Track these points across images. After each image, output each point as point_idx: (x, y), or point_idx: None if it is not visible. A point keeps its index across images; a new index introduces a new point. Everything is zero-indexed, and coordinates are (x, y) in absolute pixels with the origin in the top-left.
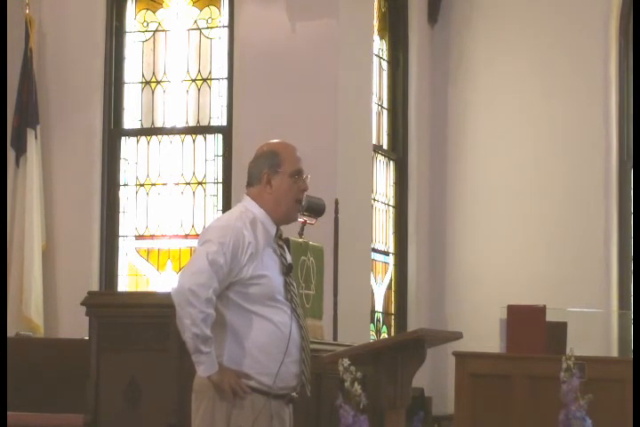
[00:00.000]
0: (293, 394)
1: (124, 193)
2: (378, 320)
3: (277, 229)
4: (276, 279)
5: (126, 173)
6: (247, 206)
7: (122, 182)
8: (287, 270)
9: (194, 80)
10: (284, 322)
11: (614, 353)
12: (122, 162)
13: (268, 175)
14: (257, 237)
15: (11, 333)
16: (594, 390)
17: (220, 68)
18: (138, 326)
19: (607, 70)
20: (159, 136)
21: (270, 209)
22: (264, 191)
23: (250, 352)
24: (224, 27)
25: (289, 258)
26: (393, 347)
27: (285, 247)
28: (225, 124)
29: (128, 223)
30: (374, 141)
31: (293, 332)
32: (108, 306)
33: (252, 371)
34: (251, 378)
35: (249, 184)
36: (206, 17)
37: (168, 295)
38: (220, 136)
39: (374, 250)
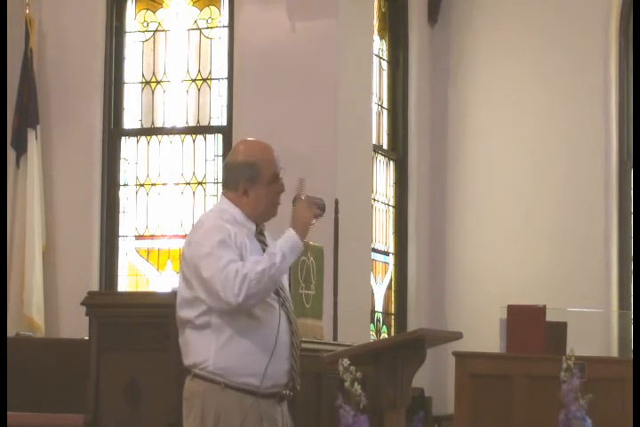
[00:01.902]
0: (285, 392)
1: (123, 193)
2: (378, 320)
3: (257, 226)
4: None
5: (126, 173)
6: (224, 208)
7: (122, 182)
8: None
9: (194, 80)
10: (272, 318)
11: (614, 353)
12: (122, 162)
13: (244, 187)
14: (239, 232)
15: (12, 333)
16: (594, 390)
17: (220, 68)
18: (138, 326)
19: (607, 70)
20: (159, 136)
21: (247, 212)
22: (240, 201)
23: (236, 354)
24: (224, 27)
25: None
26: (393, 347)
27: (267, 243)
28: (225, 124)
29: (128, 223)
30: (374, 141)
31: (282, 327)
32: (108, 306)
33: (239, 372)
34: (239, 376)
35: (225, 186)
36: (206, 17)
37: (168, 295)
38: (219, 136)
39: (374, 250)
